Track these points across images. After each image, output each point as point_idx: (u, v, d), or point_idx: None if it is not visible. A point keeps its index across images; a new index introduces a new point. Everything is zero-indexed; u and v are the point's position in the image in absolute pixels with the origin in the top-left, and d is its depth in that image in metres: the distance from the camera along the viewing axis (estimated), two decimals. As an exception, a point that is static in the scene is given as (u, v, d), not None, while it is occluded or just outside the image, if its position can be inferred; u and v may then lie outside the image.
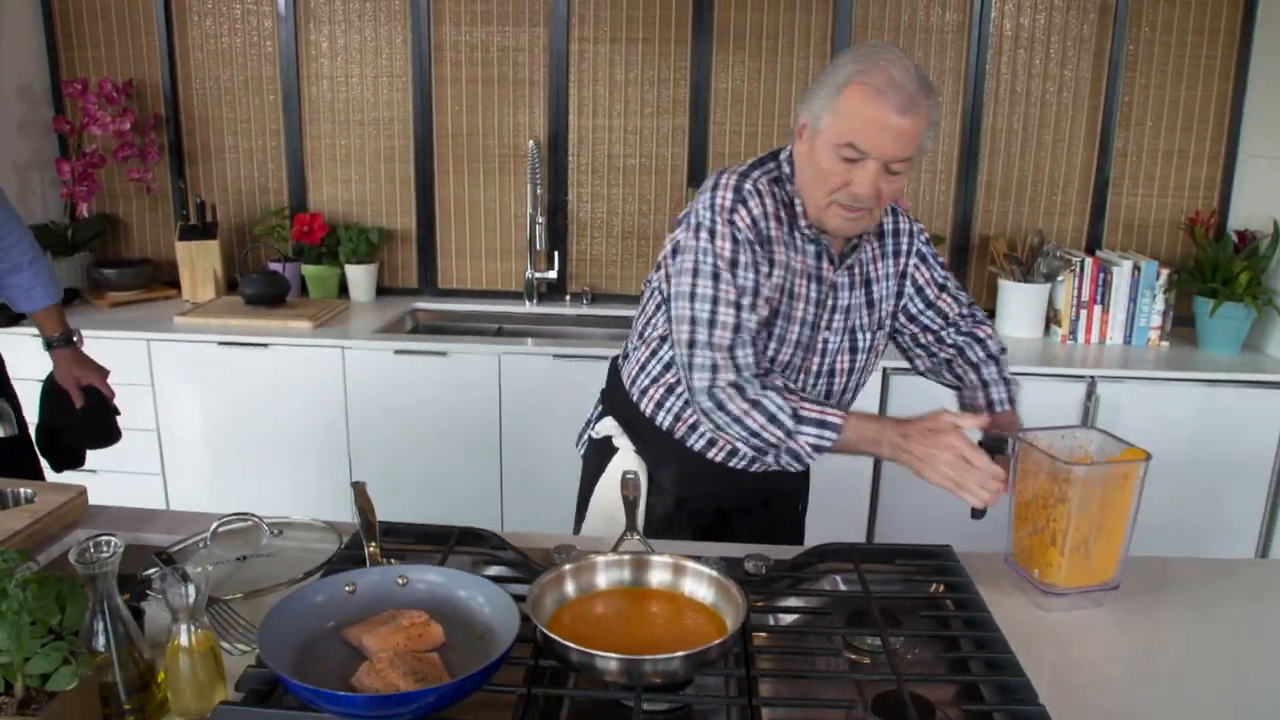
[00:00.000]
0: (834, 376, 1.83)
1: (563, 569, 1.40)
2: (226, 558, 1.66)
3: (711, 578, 1.38)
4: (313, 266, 3.62)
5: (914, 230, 1.85)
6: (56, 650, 1.12)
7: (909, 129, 1.54)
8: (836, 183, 1.61)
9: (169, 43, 3.61)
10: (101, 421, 2.43)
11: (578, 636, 1.24)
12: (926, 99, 1.57)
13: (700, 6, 3.34)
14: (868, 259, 1.81)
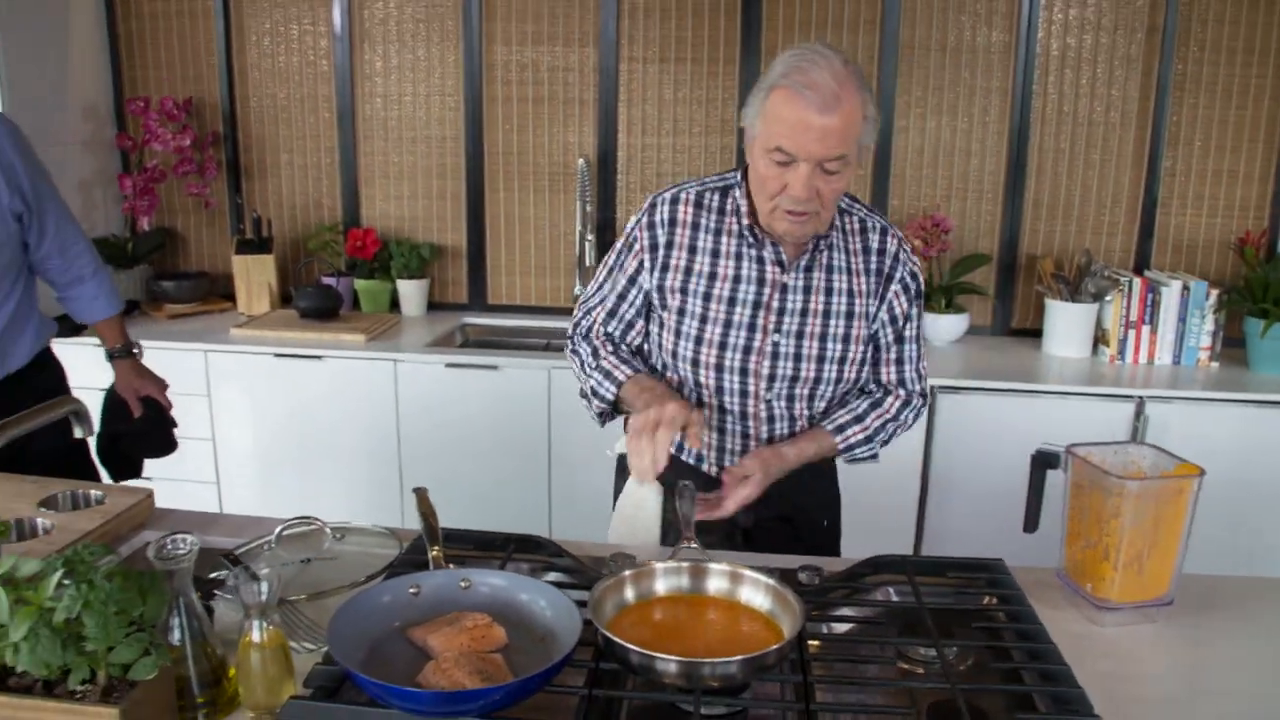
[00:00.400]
0: (797, 383, 1.82)
1: (623, 574, 1.43)
2: (291, 560, 1.70)
3: (769, 586, 1.41)
4: (365, 281, 3.69)
5: (903, 259, 1.83)
6: (139, 641, 1.16)
7: (834, 127, 1.55)
8: (774, 187, 1.64)
9: (228, 62, 3.71)
10: (159, 431, 2.49)
11: (637, 640, 1.26)
12: (855, 95, 1.56)
13: (749, 28, 3.38)
14: (840, 268, 1.80)
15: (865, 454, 1.89)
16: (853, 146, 1.59)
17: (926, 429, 3.03)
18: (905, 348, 1.88)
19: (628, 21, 3.45)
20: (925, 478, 3.08)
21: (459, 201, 3.70)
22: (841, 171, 1.61)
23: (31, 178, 2.09)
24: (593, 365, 1.87)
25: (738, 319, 1.79)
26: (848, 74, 1.56)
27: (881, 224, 1.84)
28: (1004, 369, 3.15)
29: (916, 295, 1.86)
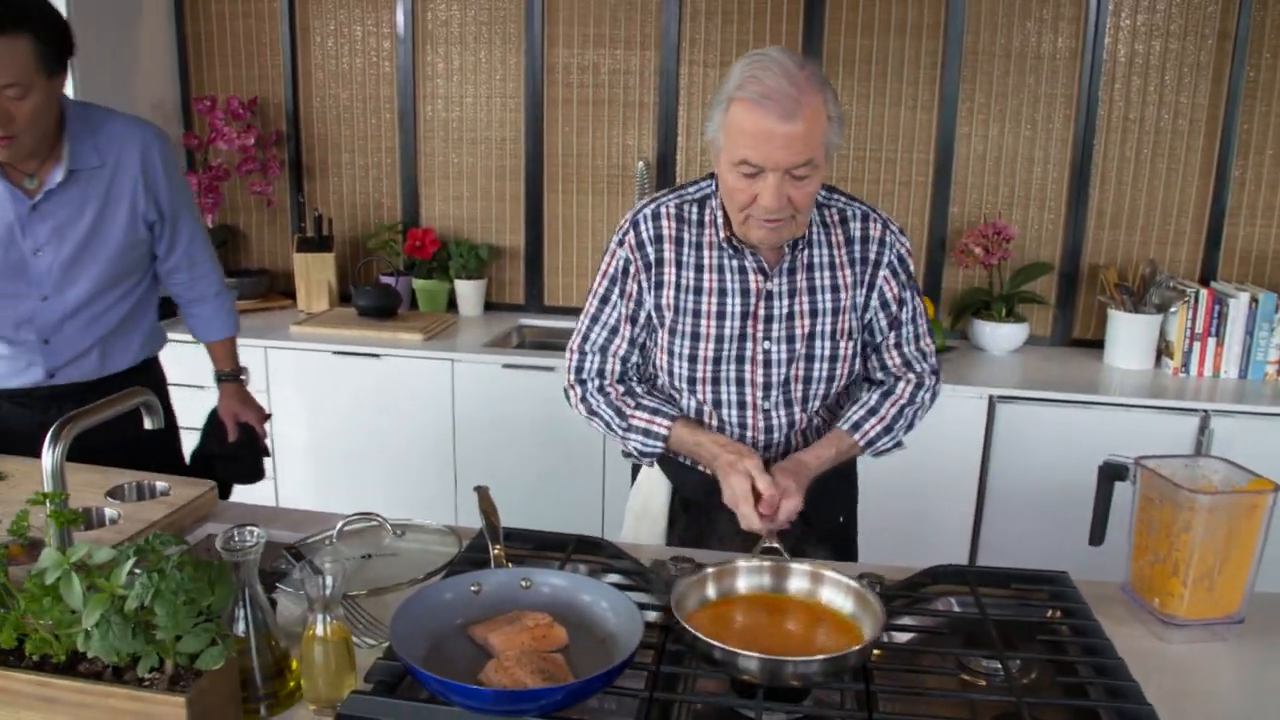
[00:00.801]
0: (789, 386, 1.81)
1: (705, 572, 1.45)
2: (353, 555, 1.72)
3: (850, 587, 1.42)
4: (423, 281, 3.72)
5: (889, 242, 1.80)
6: (206, 630, 1.18)
7: (798, 134, 1.53)
8: (744, 199, 1.62)
9: (292, 63, 3.76)
10: (251, 458, 2.51)
11: (717, 637, 1.27)
12: (815, 97, 1.54)
13: (810, 32, 3.36)
14: (821, 264, 1.78)
15: (889, 444, 1.85)
16: (819, 150, 1.57)
17: (984, 438, 2.98)
18: (904, 330, 1.84)
19: (689, 24, 3.44)
20: (982, 488, 3.04)
21: (518, 203, 3.72)
22: (811, 176, 1.59)
23: (170, 189, 2.12)
24: (624, 427, 1.84)
25: (728, 331, 1.78)
26: (805, 77, 1.54)
27: (863, 210, 1.80)
28: (1064, 379, 3.10)
29: (908, 277, 1.83)
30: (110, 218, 2.04)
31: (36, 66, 1.81)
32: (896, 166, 3.41)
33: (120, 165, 2.02)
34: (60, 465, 1.36)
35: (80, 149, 1.98)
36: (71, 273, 2.02)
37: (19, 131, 1.85)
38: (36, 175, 1.96)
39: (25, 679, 1.19)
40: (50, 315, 2.03)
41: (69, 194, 1.98)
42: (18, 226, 1.95)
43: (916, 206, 3.43)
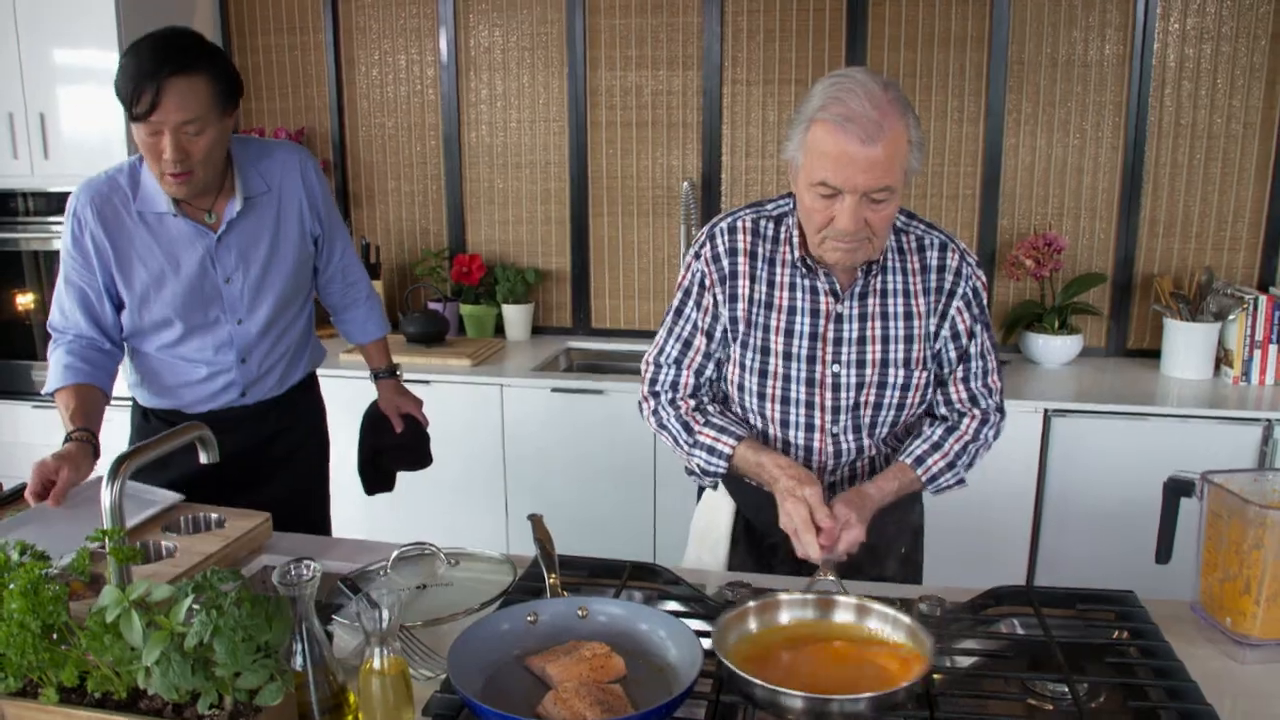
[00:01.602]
0: (859, 412, 1.78)
1: (748, 605, 1.41)
2: (407, 585, 1.72)
3: (896, 619, 1.38)
4: (471, 306, 3.74)
5: (966, 273, 1.76)
6: (265, 667, 1.18)
7: (879, 158, 1.51)
8: (821, 220, 1.60)
9: (338, 93, 3.81)
10: (418, 445, 2.61)
11: (762, 673, 1.24)
12: (898, 121, 1.52)
13: (853, 47, 3.34)
14: (895, 291, 1.75)
15: (951, 481, 1.82)
16: (898, 174, 1.55)
17: (1040, 453, 2.93)
18: (973, 365, 1.81)
19: (731, 44, 3.44)
20: (1039, 504, 2.98)
21: (563, 226, 3.73)
22: (889, 200, 1.56)
23: (326, 205, 2.24)
24: (690, 442, 1.81)
25: (796, 351, 1.75)
26: (888, 100, 1.52)
27: (941, 239, 1.76)
28: (1120, 391, 3.03)
29: (981, 310, 1.79)
30: (284, 237, 2.15)
31: (212, 104, 1.91)
32: (944, 180, 3.38)
33: (285, 188, 2.14)
34: (119, 501, 1.37)
35: (249, 178, 2.09)
36: (259, 294, 2.13)
37: (195, 166, 1.94)
38: (213, 210, 2.07)
39: (87, 716, 1.20)
40: (246, 336, 2.14)
41: (247, 222, 2.09)
42: (208, 260, 2.06)
43: (965, 220, 3.39)
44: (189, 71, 1.86)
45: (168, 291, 2.05)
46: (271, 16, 3.83)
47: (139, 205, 2.02)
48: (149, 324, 2.08)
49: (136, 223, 2.02)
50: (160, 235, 2.04)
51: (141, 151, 1.95)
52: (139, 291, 2.05)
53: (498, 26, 3.64)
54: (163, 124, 1.86)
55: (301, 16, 3.80)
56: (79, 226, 2.01)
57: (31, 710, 1.22)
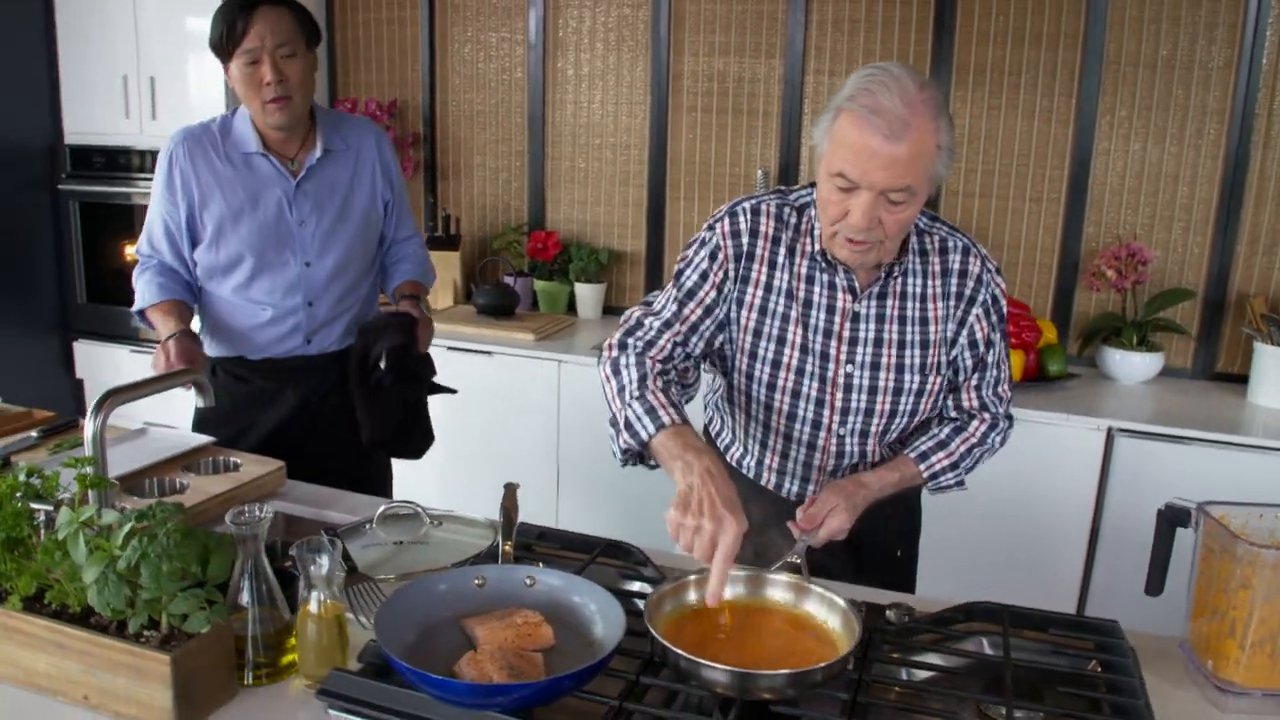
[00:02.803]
0: (872, 416, 1.72)
1: (687, 579, 1.42)
2: (387, 541, 1.76)
3: (832, 602, 1.38)
4: (544, 282, 3.79)
5: (986, 280, 1.70)
6: (194, 596, 1.23)
7: (901, 156, 1.44)
8: (835, 213, 1.54)
9: (431, 68, 3.90)
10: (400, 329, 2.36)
11: (691, 646, 1.25)
12: (928, 122, 1.44)
13: (939, 42, 3.24)
14: (914, 294, 1.68)
15: (951, 481, 1.77)
16: (920, 177, 1.47)
17: (1100, 475, 2.79)
18: (987, 373, 1.75)
19: (815, 33, 3.38)
20: (1095, 530, 2.84)
21: (640, 208, 3.74)
22: (907, 203, 1.50)
23: (399, 175, 2.41)
24: (636, 395, 1.59)
25: (811, 345, 1.69)
26: (921, 99, 1.45)
27: (964, 243, 1.70)
28: (1200, 416, 2.86)
29: (999, 319, 1.73)
30: (356, 193, 2.30)
31: (298, 32, 2.13)
32: (1028, 182, 3.25)
33: (361, 152, 2.32)
34: (101, 433, 1.45)
35: (330, 135, 2.27)
36: (329, 241, 2.26)
37: (292, 92, 2.13)
38: (296, 158, 2.24)
39: (41, 625, 1.27)
40: (313, 280, 2.26)
41: (325, 172, 2.25)
42: (285, 201, 2.22)
43: (1048, 224, 3.25)
44: (274, 3, 2.10)
45: (244, 228, 2.19)
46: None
47: (228, 148, 2.20)
48: (223, 260, 2.22)
49: (224, 161, 2.19)
50: (245, 174, 2.20)
51: (241, 90, 2.13)
52: (217, 224, 2.19)
53: (585, 8, 3.66)
54: (260, 49, 2.08)
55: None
56: (170, 164, 2.19)
57: (0, 615, 1.30)
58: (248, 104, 2.17)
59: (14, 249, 3.71)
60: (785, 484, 1.82)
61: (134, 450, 2.00)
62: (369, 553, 1.72)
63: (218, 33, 2.09)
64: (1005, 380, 1.78)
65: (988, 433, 1.78)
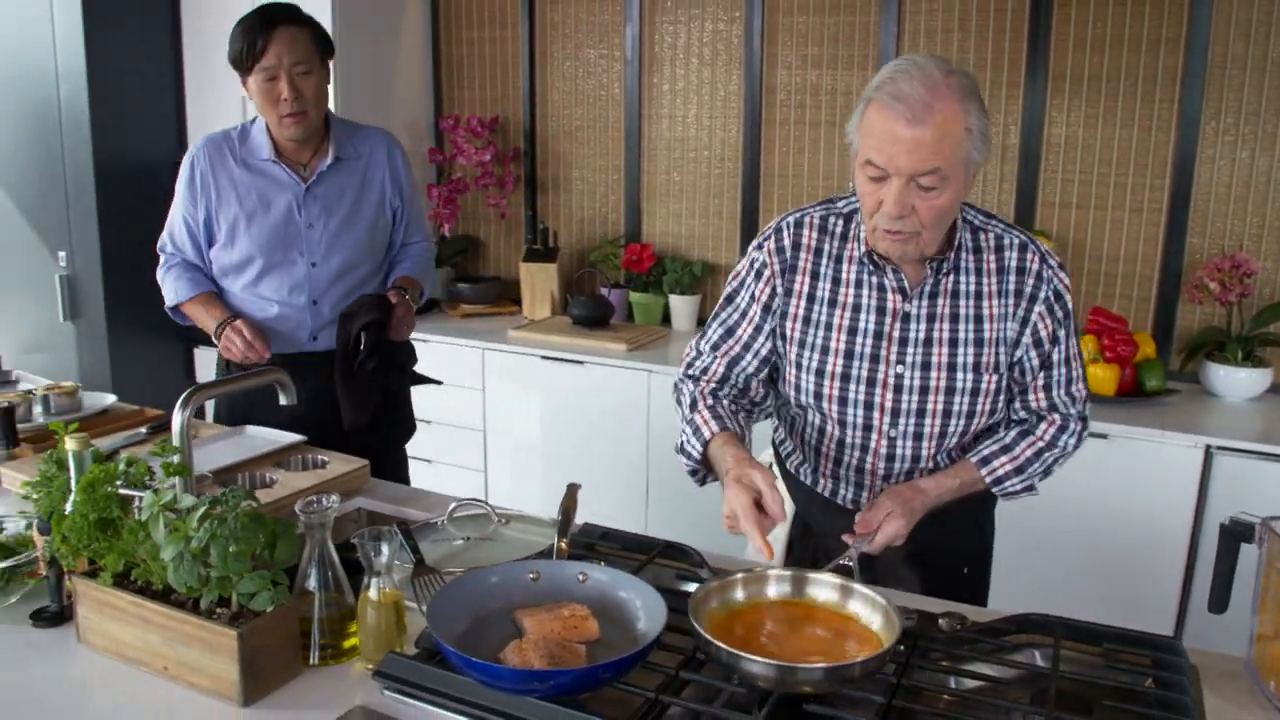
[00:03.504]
0: (924, 418, 1.71)
1: (734, 577, 1.46)
2: (457, 537, 1.84)
3: (874, 602, 1.40)
4: (639, 294, 3.85)
5: (1047, 276, 1.67)
6: (262, 577, 1.32)
7: (924, 139, 1.45)
8: (871, 204, 1.56)
9: (531, 84, 4.02)
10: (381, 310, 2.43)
11: (735, 643, 1.28)
12: (952, 105, 1.46)
13: (1034, 50, 3.18)
14: (967, 292, 1.67)
15: (1018, 487, 1.73)
16: (949, 160, 1.48)
17: (1199, 494, 2.69)
18: (1055, 372, 1.70)
19: (908, 43, 3.36)
20: (1193, 551, 2.74)
21: (734, 221, 3.77)
22: (940, 188, 1.50)
23: (409, 183, 2.55)
24: (686, 418, 1.75)
25: (859, 349, 1.70)
26: (946, 83, 1.47)
27: (1020, 239, 1.68)
28: (1310, 435, 2.74)
29: (1065, 315, 1.69)
30: (364, 200, 2.43)
31: (314, 50, 2.26)
32: (1128, 192, 3.16)
33: (372, 160, 2.45)
34: (187, 426, 1.55)
35: (342, 143, 2.40)
36: (335, 244, 2.39)
37: (308, 107, 2.26)
38: (308, 165, 2.38)
39: (128, 599, 1.38)
40: (318, 280, 2.40)
41: (334, 178, 2.39)
42: (294, 204, 2.35)
43: (1149, 235, 3.16)
44: (291, 23, 2.23)
45: (255, 228, 2.34)
46: (475, 10, 4.09)
47: (245, 154, 2.35)
48: (235, 259, 2.36)
49: (240, 167, 2.35)
50: (258, 178, 2.35)
51: (258, 102, 2.28)
52: (231, 223, 2.34)
53: (680, 23, 3.72)
54: (277, 67, 2.21)
55: (502, 11, 4.04)
56: (192, 167, 2.35)
57: (93, 588, 1.41)
58: (264, 116, 2.32)
59: (146, 260, 3.95)
60: (840, 490, 1.83)
61: (231, 447, 2.13)
62: (438, 547, 1.80)
63: (237, 49, 2.23)
64: (1078, 380, 1.73)
65: (1057, 435, 1.73)
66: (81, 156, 3.79)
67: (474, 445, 3.71)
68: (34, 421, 2.24)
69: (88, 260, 3.88)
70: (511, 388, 3.64)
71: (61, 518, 1.43)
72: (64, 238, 3.94)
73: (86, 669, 1.40)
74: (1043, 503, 2.81)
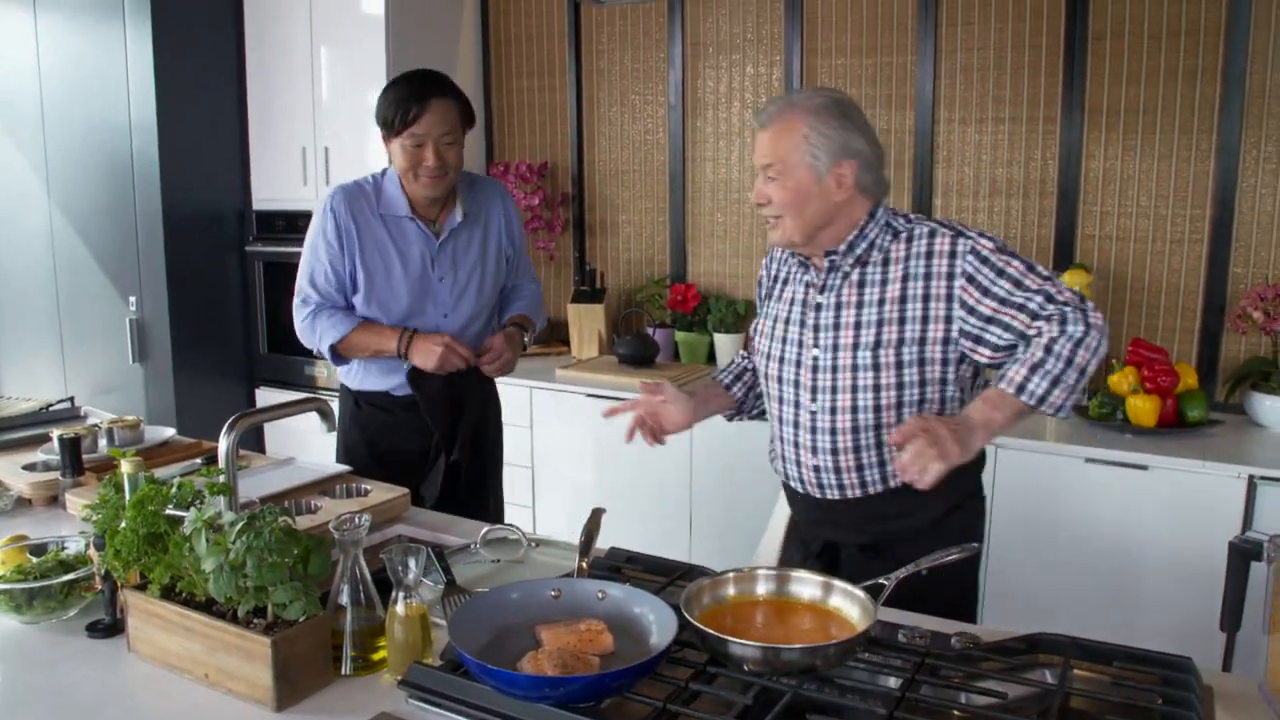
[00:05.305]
0: (836, 394, 1.88)
1: (725, 574, 1.58)
2: (488, 559, 1.91)
3: (853, 595, 1.51)
4: (684, 333, 3.92)
5: (961, 251, 1.78)
6: (294, 588, 1.40)
7: (769, 138, 1.82)
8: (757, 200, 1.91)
9: (578, 130, 4.14)
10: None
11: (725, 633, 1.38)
12: (798, 116, 1.78)
13: (1070, 85, 3.21)
14: (873, 281, 1.85)
15: (1042, 386, 1.69)
16: (783, 156, 1.80)
17: (1243, 525, 2.66)
18: (1015, 298, 1.73)
19: (944, 83, 3.41)
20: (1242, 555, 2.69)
21: (776, 260, 3.83)
22: (779, 180, 1.81)
23: (520, 232, 2.66)
24: None
25: (788, 335, 1.96)
26: (809, 103, 1.79)
27: (930, 228, 1.83)
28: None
29: (997, 271, 1.75)
30: (487, 253, 2.54)
31: (460, 122, 2.36)
32: (1168, 223, 3.16)
33: (490, 213, 2.56)
34: (233, 449, 1.65)
35: (468, 200, 2.51)
36: (464, 295, 2.51)
37: (449, 170, 2.37)
38: (437, 220, 2.48)
39: (174, 610, 1.47)
40: (449, 329, 2.49)
41: (462, 234, 2.50)
42: (428, 259, 2.46)
43: (1191, 267, 3.15)
44: (444, 95, 2.32)
45: (395, 281, 2.43)
46: (525, 60, 4.25)
47: (381, 209, 2.44)
48: (374, 309, 2.44)
49: (378, 220, 2.43)
50: (395, 233, 2.44)
51: (400, 162, 2.36)
52: (372, 276, 2.42)
53: (722, 69, 3.82)
54: (426, 136, 2.30)
55: (550, 61, 4.18)
56: (335, 217, 2.42)
57: (142, 600, 1.51)
58: (403, 175, 2.39)
59: (210, 305, 4.14)
60: (789, 471, 2.02)
61: (279, 475, 2.23)
62: (470, 569, 1.87)
63: (391, 114, 2.30)
64: (1046, 285, 1.74)
65: (1061, 326, 1.70)
66: (152, 206, 4.00)
67: (523, 481, 3.79)
68: (99, 453, 2.37)
69: (156, 305, 4.07)
70: (559, 425, 3.72)
71: (115, 534, 1.53)
72: (134, 283, 4.14)
73: (136, 677, 1.49)
74: (1084, 531, 2.82)
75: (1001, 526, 2.92)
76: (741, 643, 1.35)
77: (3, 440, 2.56)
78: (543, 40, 4.20)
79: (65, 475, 2.20)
